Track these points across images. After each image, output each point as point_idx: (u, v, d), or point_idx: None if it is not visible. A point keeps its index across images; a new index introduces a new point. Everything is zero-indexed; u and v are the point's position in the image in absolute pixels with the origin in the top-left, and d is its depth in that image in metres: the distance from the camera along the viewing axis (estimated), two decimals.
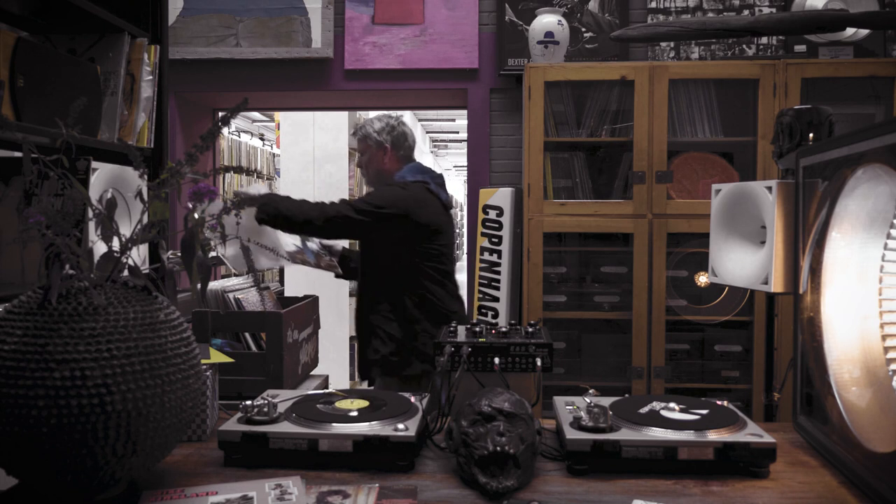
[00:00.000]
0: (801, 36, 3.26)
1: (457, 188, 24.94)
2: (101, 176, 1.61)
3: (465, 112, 3.78)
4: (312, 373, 2.27)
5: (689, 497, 1.09)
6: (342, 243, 2.79)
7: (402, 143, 2.71)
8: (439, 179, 2.71)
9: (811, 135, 1.82)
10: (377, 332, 2.54)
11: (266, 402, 1.24)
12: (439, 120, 12.26)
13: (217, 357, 1.48)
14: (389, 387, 2.51)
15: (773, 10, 3.42)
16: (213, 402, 1.41)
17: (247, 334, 1.92)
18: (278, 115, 7.58)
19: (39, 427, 0.93)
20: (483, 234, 3.19)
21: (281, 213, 2.33)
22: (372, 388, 2.62)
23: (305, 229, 2.43)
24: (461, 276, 2.92)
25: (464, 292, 2.86)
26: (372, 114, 3.23)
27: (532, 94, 3.02)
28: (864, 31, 3.19)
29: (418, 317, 2.54)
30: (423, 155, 14.35)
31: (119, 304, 1.00)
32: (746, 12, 3.43)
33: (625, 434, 1.18)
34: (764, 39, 3.40)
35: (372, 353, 2.56)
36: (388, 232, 2.51)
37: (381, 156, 2.70)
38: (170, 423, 1.01)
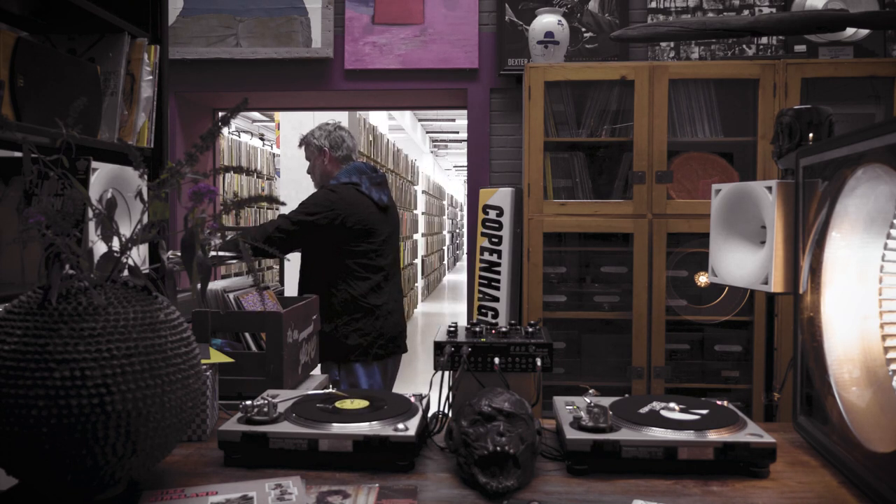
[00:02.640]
0: (801, 36, 3.26)
1: (457, 188, 24.98)
2: (101, 176, 1.61)
3: (465, 112, 3.79)
4: (312, 373, 2.27)
5: (689, 497, 1.09)
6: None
7: (339, 144, 2.93)
8: (377, 179, 2.89)
9: (811, 135, 1.82)
10: None
11: (266, 402, 1.24)
12: (439, 120, 12.28)
13: (217, 357, 1.48)
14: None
15: (773, 10, 3.42)
16: (213, 402, 1.41)
17: (247, 334, 1.92)
18: (278, 115, 7.59)
19: (39, 427, 0.92)
20: (483, 234, 3.20)
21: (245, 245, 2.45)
22: None
23: (262, 254, 2.58)
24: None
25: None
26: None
27: (532, 94, 3.02)
28: (864, 31, 3.19)
29: (340, 311, 2.77)
30: (423, 155, 14.37)
31: (119, 304, 1.00)
32: (746, 12, 3.43)
33: (625, 434, 1.18)
34: (764, 39, 3.40)
35: None
36: (321, 235, 2.74)
37: (323, 159, 2.94)
38: (170, 423, 1.01)
